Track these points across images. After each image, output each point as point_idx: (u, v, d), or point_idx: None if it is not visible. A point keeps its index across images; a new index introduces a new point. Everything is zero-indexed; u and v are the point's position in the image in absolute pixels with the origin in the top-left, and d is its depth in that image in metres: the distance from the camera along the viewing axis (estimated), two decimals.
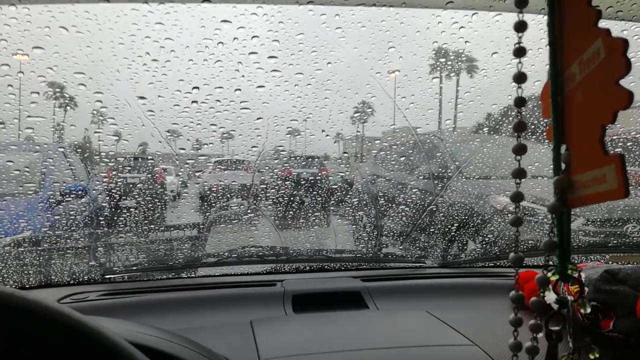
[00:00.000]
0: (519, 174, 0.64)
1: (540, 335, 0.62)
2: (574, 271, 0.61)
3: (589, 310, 0.60)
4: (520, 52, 0.63)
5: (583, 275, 1.33)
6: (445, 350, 1.25)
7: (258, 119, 2.59)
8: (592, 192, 0.57)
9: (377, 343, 1.28)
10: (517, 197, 0.64)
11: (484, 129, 5.89)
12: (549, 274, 0.62)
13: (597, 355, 0.61)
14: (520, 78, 0.64)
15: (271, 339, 1.29)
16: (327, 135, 3.11)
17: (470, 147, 5.50)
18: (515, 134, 0.65)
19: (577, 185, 0.59)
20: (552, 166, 0.63)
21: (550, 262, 0.63)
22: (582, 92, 0.58)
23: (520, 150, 0.64)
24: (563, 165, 0.61)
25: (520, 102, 0.64)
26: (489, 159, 4.78)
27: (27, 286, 1.68)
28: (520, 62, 0.64)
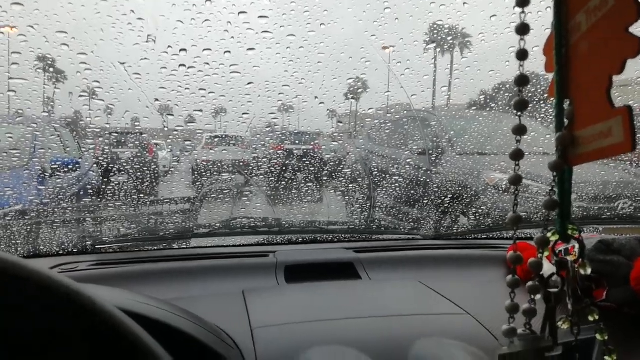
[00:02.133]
0: (520, 130, 0.61)
1: (538, 297, 0.60)
2: (574, 231, 0.59)
3: (589, 271, 0.58)
4: (524, 2, 0.60)
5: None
6: (438, 319, 1.25)
7: (249, 83, 2.52)
8: (596, 148, 0.54)
9: (369, 312, 1.27)
10: (517, 155, 0.62)
11: (480, 98, 5.87)
12: (549, 234, 0.60)
13: (597, 317, 0.60)
14: (523, 29, 0.60)
15: (263, 307, 1.28)
16: (321, 103, 3.05)
17: (465, 119, 5.49)
18: (518, 90, 0.62)
19: (580, 141, 0.57)
20: (549, 135, 0.60)
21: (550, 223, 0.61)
22: (588, 42, 0.56)
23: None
24: (566, 122, 0.58)
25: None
26: (484, 130, 4.77)
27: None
28: (523, 12, 0.60)
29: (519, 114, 0.62)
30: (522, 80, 0.61)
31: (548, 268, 0.62)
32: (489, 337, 1.11)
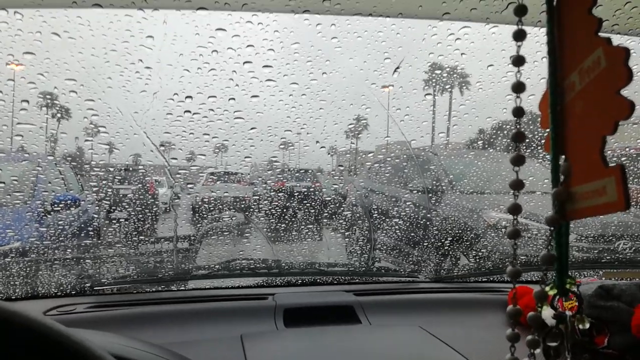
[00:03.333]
0: (517, 185, 0.63)
1: (538, 351, 0.60)
2: (572, 285, 0.60)
3: (587, 325, 0.58)
4: (519, 61, 0.62)
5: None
6: None
7: (252, 129, 2.58)
8: (591, 205, 0.55)
9: (370, 359, 1.25)
10: (515, 209, 0.63)
11: (478, 143, 5.93)
12: (547, 289, 0.60)
13: None
14: (519, 87, 0.63)
15: (261, 353, 1.27)
16: (321, 147, 3.11)
17: (464, 161, 5.51)
18: (514, 145, 0.63)
19: (576, 197, 0.58)
20: (547, 180, 0.61)
21: (548, 277, 0.62)
22: (582, 102, 0.57)
23: (518, 160, 0.62)
24: (562, 177, 0.60)
25: (518, 112, 0.63)
26: (483, 173, 4.79)
27: (13, 297, 1.65)
28: (519, 71, 0.62)
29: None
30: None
31: (549, 314, 0.62)
32: None
